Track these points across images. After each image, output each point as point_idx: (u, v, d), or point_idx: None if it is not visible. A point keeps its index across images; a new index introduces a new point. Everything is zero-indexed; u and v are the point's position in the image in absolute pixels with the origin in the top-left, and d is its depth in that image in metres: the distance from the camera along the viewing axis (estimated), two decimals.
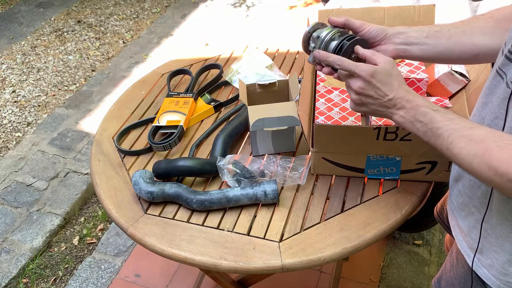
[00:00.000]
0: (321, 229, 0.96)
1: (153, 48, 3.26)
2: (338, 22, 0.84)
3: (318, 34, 0.86)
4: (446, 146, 0.66)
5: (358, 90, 0.77)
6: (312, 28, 0.88)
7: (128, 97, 1.40)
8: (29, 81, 2.92)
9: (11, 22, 3.56)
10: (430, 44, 0.84)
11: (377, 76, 0.75)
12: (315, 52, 0.83)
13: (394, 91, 0.74)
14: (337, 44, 0.82)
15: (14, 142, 2.47)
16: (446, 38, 0.83)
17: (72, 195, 2.14)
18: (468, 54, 0.83)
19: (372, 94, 0.76)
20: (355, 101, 0.79)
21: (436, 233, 1.90)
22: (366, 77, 0.75)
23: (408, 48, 0.84)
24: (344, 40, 0.82)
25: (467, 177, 0.77)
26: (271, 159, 1.08)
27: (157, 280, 1.76)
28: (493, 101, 0.68)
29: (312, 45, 0.87)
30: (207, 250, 0.93)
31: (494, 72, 0.69)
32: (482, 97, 0.73)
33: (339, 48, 0.82)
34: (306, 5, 3.63)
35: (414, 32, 0.84)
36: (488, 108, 0.70)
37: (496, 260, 0.74)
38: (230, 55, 1.55)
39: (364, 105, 0.79)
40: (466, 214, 0.79)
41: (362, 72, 0.75)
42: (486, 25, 0.82)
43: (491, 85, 0.69)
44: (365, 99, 0.77)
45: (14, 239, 1.95)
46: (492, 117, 0.68)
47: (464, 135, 0.64)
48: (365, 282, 1.72)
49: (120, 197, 1.07)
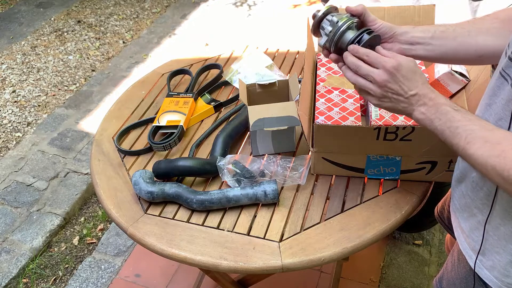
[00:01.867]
0: (321, 229, 0.96)
1: (153, 48, 3.26)
2: (356, 11, 0.83)
3: (337, 19, 0.84)
4: (463, 146, 0.66)
5: (383, 82, 0.75)
6: (327, 11, 0.87)
7: (128, 97, 1.40)
8: (29, 81, 2.92)
9: (11, 22, 3.56)
10: (435, 44, 0.83)
11: (402, 70, 0.74)
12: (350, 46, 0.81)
13: (418, 87, 0.74)
14: (356, 36, 0.81)
15: (14, 142, 2.47)
16: (451, 39, 0.83)
17: (72, 195, 2.14)
18: (473, 55, 0.83)
19: (397, 88, 0.75)
20: (377, 94, 0.77)
21: (436, 233, 1.90)
22: (391, 70, 0.74)
23: (412, 47, 0.84)
24: (364, 33, 0.81)
25: (470, 178, 0.77)
26: (271, 159, 1.08)
27: (157, 280, 1.76)
28: (497, 102, 0.68)
29: (329, 28, 0.85)
30: (207, 250, 0.93)
31: (498, 74, 0.68)
32: (485, 98, 0.72)
33: (358, 40, 0.81)
34: (310, 3, 3.62)
35: (419, 32, 0.84)
36: (491, 109, 0.69)
37: (498, 262, 0.74)
38: (230, 55, 1.55)
39: (387, 98, 0.77)
40: (468, 215, 0.79)
41: (387, 64, 0.74)
42: (492, 26, 0.82)
43: (495, 86, 0.69)
44: (388, 93, 0.76)
45: (14, 239, 1.95)
46: (496, 118, 0.68)
47: (481, 136, 0.64)
48: (365, 282, 1.72)
49: (120, 197, 1.07)
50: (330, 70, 1.20)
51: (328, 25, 0.85)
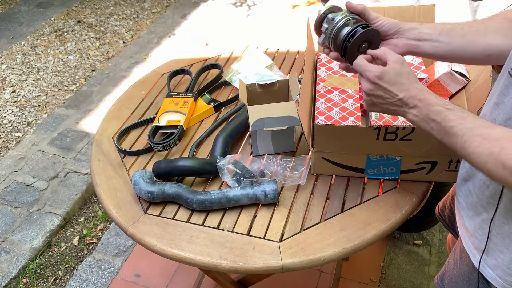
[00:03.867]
0: (321, 229, 0.96)
1: (153, 48, 3.26)
2: (356, 8, 0.83)
3: (333, 17, 0.85)
4: (461, 145, 0.66)
5: (368, 91, 0.77)
6: (328, 10, 0.87)
7: (128, 97, 1.40)
8: (29, 81, 2.92)
9: (11, 22, 3.56)
10: (443, 41, 0.83)
11: (385, 77, 0.74)
12: None
13: (404, 90, 0.74)
14: (350, 30, 0.81)
15: (14, 142, 2.47)
16: (460, 37, 0.82)
17: (72, 195, 2.14)
18: (480, 54, 0.82)
19: (382, 95, 0.76)
20: (367, 101, 0.79)
21: (436, 233, 1.90)
22: (373, 79, 0.75)
23: (420, 44, 0.84)
24: (358, 27, 0.81)
25: (478, 176, 0.77)
26: (271, 159, 1.08)
27: (157, 280, 1.76)
28: (505, 102, 0.67)
29: (326, 26, 0.86)
30: (207, 250, 0.93)
31: (506, 73, 0.68)
32: (494, 97, 0.72)
33: (352, 34, 0.81)
34: (309, 4, 3.62)
35: (427, 28, 0.84)
36: (500, 109, 0.69)
37: (502, 260, 0.74)
38: (230, 55, 1.55)
39: (376, 105, 0.78)
40: (473, 214, 0.79)
41: (370, 74, 0.75)
42: (501, 26, 0.81)
43: (503, 86, 0.68)
44: (375, 100, 0.77)
45: (14, 239, 1.95)
46: (504, 118, 0.67)
47: (479, 134, 0.63)
48: (365, 282, 1.72)
49: (120, 197, 1.07)
50: (330, 70, 1.20)
51: (327, 23, 0.86)
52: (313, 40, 1.20)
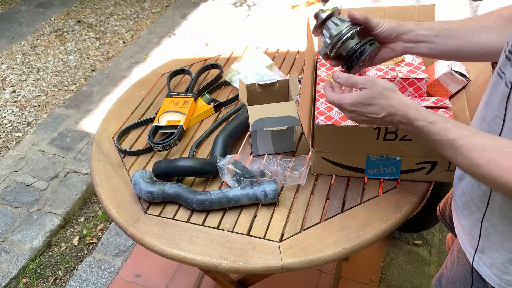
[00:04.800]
0: (321, 229, 0.96)
1: (153, 48, 3.26)
2: (358, 19, 0.85)
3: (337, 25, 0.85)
4: (449, 155, 0.68)
5: (352, 119, 0.81)
6: (330, 14, 0.87)
7: (128, 97, 1.40)
8: (29, 81, 2.92)
9: (11, 22, 3.56)
10: (439, 42, 0.84)
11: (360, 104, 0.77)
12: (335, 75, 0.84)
13: (384, 110, 0.76)
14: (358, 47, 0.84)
15: (14, 142, 2.47)
16: (455, 37, 0.84)
17: (72, 195, 2.14)
18: (476, 53, 0.84)
19: (365, 118, 0.79)
20: (357, 122, 0.83)
21: (436, 233, 1.90)
22: (350, 108, 0.79)
23: (416, 46, 0.85)
24: (366, 45, 0.84)
25: (468, 176, 0.78)
26: (271, 159, 1.08)
27: (157, 280, 1.76)
28: (493, 100, 0.69)
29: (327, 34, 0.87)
30: (207, 250, 0.93)
31: (496, 72, 0.69)
32: (485, 96, 0.73)
33: (361, 51, 0.84)
34: (308, 4, 3.63)
35: (424, 29, 0.85)
36: (488, 107, 0.70)
37: (497, 259, 0.74)
38: (230, 55, 1.55)
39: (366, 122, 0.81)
40: (468, 213, 0.80)
41: (345, 105, 0.79)
42: (496, 24, 0.82)
43: (492, 84, 0.70)
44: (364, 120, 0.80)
45: (14, 239, 1.95)
46: (492, 116, 0.69)
47: (463, 145, 0.65)
48: (365, 282, 1.72)
49: (120, 197, 1.07)
50: (330, 70, 1.20)
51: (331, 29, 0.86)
52: (313, 40, 1.20)
